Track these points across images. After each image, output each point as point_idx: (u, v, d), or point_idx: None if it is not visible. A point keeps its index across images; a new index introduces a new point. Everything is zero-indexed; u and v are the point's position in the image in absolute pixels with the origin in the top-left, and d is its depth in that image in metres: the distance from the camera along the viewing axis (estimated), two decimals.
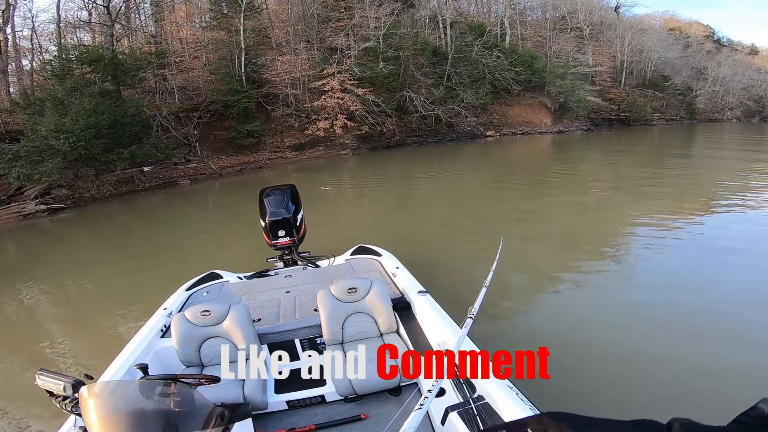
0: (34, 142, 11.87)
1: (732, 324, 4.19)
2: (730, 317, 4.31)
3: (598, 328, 4.26)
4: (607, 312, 4.63)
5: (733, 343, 3.86)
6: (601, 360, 3.64)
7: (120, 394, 1.68)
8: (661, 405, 2.94)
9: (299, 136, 19.92)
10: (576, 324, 4.36)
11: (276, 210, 4.60)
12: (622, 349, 3.79)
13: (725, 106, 41.73)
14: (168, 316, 3.24)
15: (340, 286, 3.02)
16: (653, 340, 3.92)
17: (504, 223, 8.45)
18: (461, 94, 24.81)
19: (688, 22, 48.57)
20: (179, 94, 18.78)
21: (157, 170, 14.97)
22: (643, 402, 3.05)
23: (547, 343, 3.57)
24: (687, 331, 4.07)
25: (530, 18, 36.42)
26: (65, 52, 15.51)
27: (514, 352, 2.53)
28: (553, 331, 4.19)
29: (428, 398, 1.47)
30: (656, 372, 3.45)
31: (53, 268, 7.61)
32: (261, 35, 22.27)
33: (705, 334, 4.03)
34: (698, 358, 3.61)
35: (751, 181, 11.63)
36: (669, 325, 4.18)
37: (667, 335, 4.00)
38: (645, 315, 4.44)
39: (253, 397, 2.47)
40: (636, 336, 4.02)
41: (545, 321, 4.55)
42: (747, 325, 4.16)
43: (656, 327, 4.16)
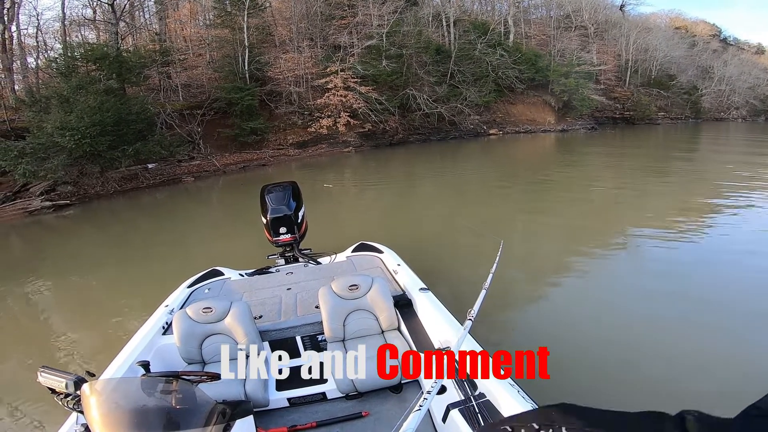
0: (39, 140, 11.95)
1: (736, 323, 4.17)
2: (734, 317, 4.29)
3: (600, 327, 4.26)
4: (609, 311, 4.62)
5: (737, 343, 3.84)
6: (601, 359, 3.64)
7: (122, 391, 1.68)
8: (664, 404, 2.90)
9: (302, 134, 19.95)
10: (577, 323, 4.36)
11: (277, 207, 4.60)
12: (623, 348, 3.79)
13: (731, 106, 41.41)
14: (170, 313, 3.24)
15: (342, 283, 3.02)
16: (655, 340, 3.91)
17: (506, 222, 8.48)
18: (464, 92, 24.77)
19: (694, 21, 48.18)
20: (183, 91, 18.83)
21: (161, 167, 15.05)
22: (645, 401, 3.01)
23: (547, 343, 3.56)
24: (689, 330, 4.06)
25: (534, 16, 36.24)
26: (70, 50, 15.57)
27: (514, 352, 2.56)
28: (553, 330, 4.20)
29: (427, 399, 1.48)
30: (657, 371, 3.45)
31: (58, 264, 7.68)
32: (264, 33, 22.27)
33: (708, 333, 4.02)
34: (701, 358, 3.60)
35: (757, 180, 11.58)
36: (671, 325, 4.17)
37: (669, 334, 3.99)
38: (646, 314, 4.43)
39: (255, 395, 2.47)
40: (637, 335, 4.01)
41: (546, 320, 4.55)
42: (752, 325, 4.14)
43: (658, 326, 4.15)
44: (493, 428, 0.87)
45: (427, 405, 1.47)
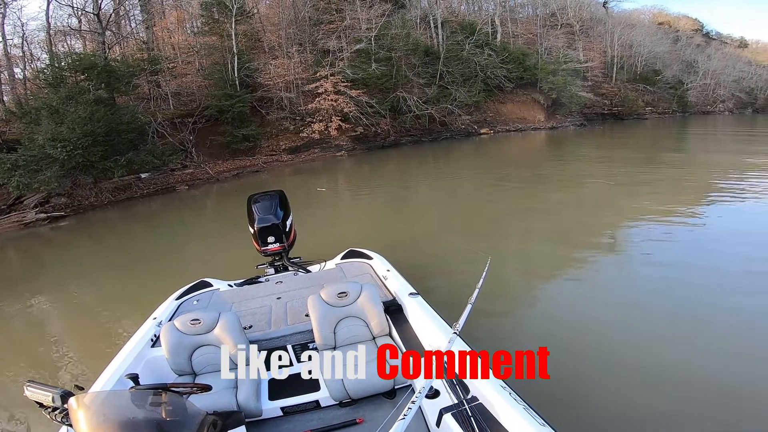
0: (31, 151, 11.85)
1: (734, 319, 4.16)
2: (732, 312, 4.28)
3: (598, 326, 4.26)
4: (607, 309, 4.62)
5: (735, 338, 3.83)
6: (601, 358, 3.65)
7: (110, 405, 1.65)
8: (664, 403, 2.96)
9: (295, 139, 19.97)
10: (575, 322, 4.37)
11: (264, 216, 4.58)
12: (622, 347, 3.80)
13: (717, 99, 42.19)
14: (158, 325, 3.21)
15: (331, 290, 3.01)
16: (653, 337, 3.92)
17: (499, 222, 8.57)
18: (454, 92, 24.96)
19: (676, 16, 49.10)
20: (173, 99, 18.76)
21: (155, 176, 15.00)
22: (644, 399, 3.06)
23: (546, 343, 3.60)
24: (687, 327, 4.07)
25: (521, 15, 36.67)
26: (57, 60, 15.44)
27: (514, 352, 2.59)
28: (552, 329, 4.20)
29: (411, 408, 1.50)
30: (656, 369, 3.46)
31: (54, 275, 7.70)
32: (253, 39, 22.26)
33: (705, 330, 4.03)
34: (700, 357, 3.61)
35: (746, 170, 11.85)
36: (669, 322, 4.19)
37: (668, 332, 4.01)
38: (644, 311, 4.44)
39: (247, 405, 2.45)
40: (636, 333, 4.02)
41: (544, 320, 4.56)
42: (750, 319, 4.14)
43: (656, 324, 4.17)
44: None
45: (411, 414, 1.51)
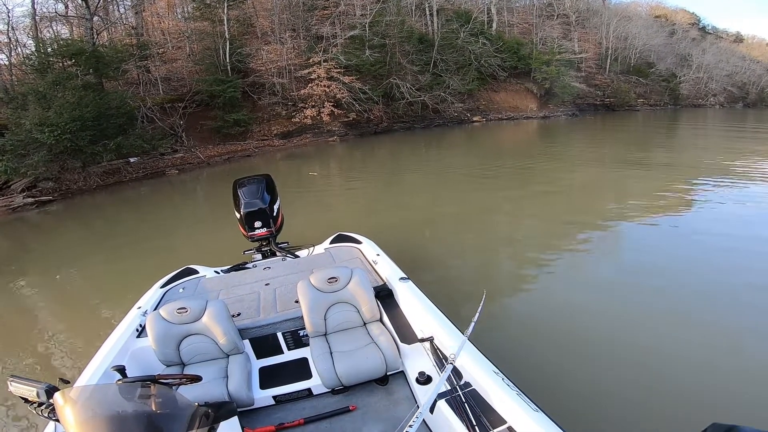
0: (18, 136, 11.78)
1: (725, 310, 4.20)
2: (724, 303, 4.32)
3: (592, 317, 4.26)
4: (600, 300, 4.62)
5: (726, 330, 3.86)
6: (595, 352, 3.67)
7: (97, 399, 1.60)
8: (663, 403, 3.00)
9: (287, 124, 19.91)
10: (568, 314, 4.34)
11: (251, 201, 4.50)
12: (616, 339, 3.83)
13: (708, 93, 42.36)
14: (143, 315, 3.13)
15: (320, 275, 2.94)
16: (646, 330, 3.95)
17: (490, 211, 8.60)
18: (447, 80, 24.92)
19: (673, 9, 49.04)
20: (163, 85, 18.60)
21: (144, 161, 14.91)
22: (641, 396, 3.10)
23: (539, 334, 3.70)
24: (682, 320, 4.10)
25: (517, 4, 36.36)
26: (43, 47, 15.24)
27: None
28: (545, 321, 4.19)
29: (419, 418, 1.55)
30: (653, 364, 3.48)
31: (42, 260, 7.65)
32: (245, 25, 22.03)
33: (698, 323, 4.06)
34: (700, 355, 3.61)
35: (736, 161, 11.99)
36: (664, 315, 4.21)
37: (661, 324, 4.03)
38: (639, 303, 4.48)
39: (238, 394, 2.42)
40: (628, 325, 4.05)
41: (537, 311, 4.50)
42: (741, 311, 4.18)
43: (650, 316, 4.20)
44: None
45: (419, 423, 1.53)
